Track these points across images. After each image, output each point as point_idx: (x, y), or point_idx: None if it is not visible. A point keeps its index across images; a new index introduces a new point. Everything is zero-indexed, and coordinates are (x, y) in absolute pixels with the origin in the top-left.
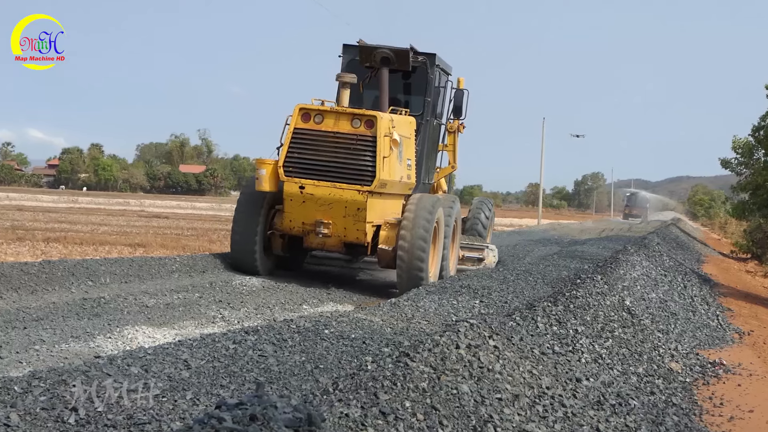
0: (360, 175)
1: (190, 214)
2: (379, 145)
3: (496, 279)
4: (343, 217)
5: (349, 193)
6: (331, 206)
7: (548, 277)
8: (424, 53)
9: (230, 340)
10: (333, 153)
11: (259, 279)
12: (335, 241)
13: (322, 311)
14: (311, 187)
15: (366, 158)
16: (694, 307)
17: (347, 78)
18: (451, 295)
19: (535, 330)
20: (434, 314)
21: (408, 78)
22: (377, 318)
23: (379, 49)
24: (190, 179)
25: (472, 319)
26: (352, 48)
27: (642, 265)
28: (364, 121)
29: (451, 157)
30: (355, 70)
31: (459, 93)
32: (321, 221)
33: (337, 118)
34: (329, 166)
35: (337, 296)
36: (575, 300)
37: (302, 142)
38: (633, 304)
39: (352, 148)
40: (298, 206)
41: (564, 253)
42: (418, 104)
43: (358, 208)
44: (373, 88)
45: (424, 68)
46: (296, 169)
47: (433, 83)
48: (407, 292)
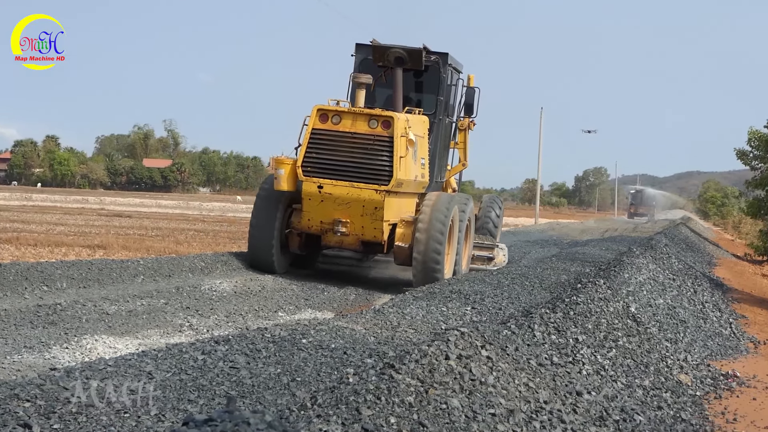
0: (377, 175)
1: (154, 213)
2: (396, 146)
3: (490, 284)
4: (361, 216)
5: (367, 193)
6: (349, 205)
7: (546, 281)
8: (437, 52)
9: (199, 351)
10: (351, 153)
11: (230, 283)
12: (353, 239)
13: (299, 319)
14: (329, 187)
15: (383, 158)
16: (705, 314)
17: (363, 79)
18: (440, 301)
19: (531, 339)
20: (422, 322)
21: (420, 76)
22: (359, 326)
23: (392, 49)
24: (155, 174)
25: (463, 328)
26: (364, 47)
27: (648, 269)
28: (381, 122)
29: (462, 155)
30: (367, 68)
31: (470, 91)
32: (339, 220)
33: (354, 119)
34: (347, 166)
35: (317, 302)
36: (575, 306)
37: (320, 142)
38: (639, 310)
39: (370, 149)
40: (317, 205)
41: (563, 255)
42: (429, 103)
43: (375, 207)
44: (385, 86)
45: (436, 67)
46: (315, 169)
47: (445, 82)
48: (393, 299)
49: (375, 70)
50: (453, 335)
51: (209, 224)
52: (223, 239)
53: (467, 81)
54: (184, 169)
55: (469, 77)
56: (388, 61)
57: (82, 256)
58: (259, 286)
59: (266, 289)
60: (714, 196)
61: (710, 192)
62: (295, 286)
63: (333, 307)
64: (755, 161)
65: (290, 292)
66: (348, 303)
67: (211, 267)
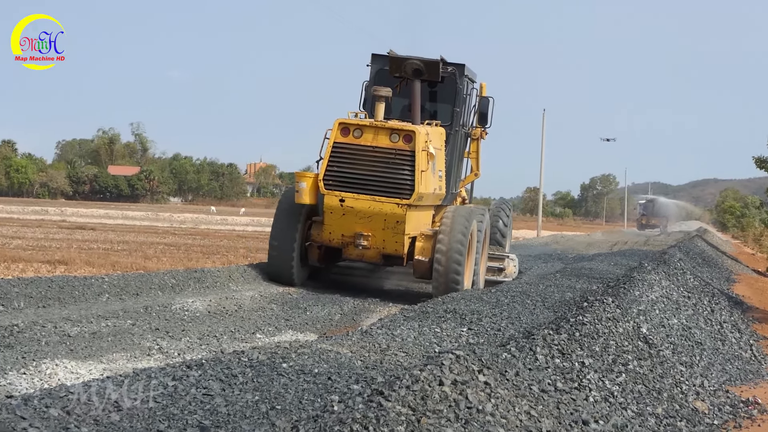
0: (399, 189)
1: (121, 225)
2: (417, 160)
3: (487, 302)
4: (383, 229)
5: (389, 206)
6: (370, 219)
7: (549, 299)
8: (453, 63)
9: (169, 376)
10: (372, 167)
11: (204, 302)
12: (374, 252)
13: (279, 341)
14: (351, 200)
15: (405, 172)
16: (723, 336)
17: (383, 92)
18: (434, 321)
19: (533, 363)
20: (413, 344)
21: (434, 86)
22: (345, 349)
23: (409, 60)
24: (121, 183)
25: (458, 350)
26: (380, 57)
27: (661, 286)
28: (402, 136)
29: (474, 165)
30: (383, 79)
31: (484, 101)
32: (360, 233)
33: (375, 133)
34: (369, 179)
35: (298, 322)
36: (581, 327)
37: (342, 156)
38: (650, 331)
39: (391, 162)
40: (338, 218)
41: (568, 270)
42: (444, 113)
43: (397, 221)
44: (400, 96)
45: (452, 78)
46: (336, 183)
47: (462, 93)
48: (382, 319)
49: (390, 80)
50: (447, 359)
51: (181, 237)
52: (195, 254)
53: (480, 90)
54: (153, 177)
55: (481, 86)
56: (405, 73)
57: (41, 272)
58: (235, 305)
59: (243, 309)
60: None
61: (728, 201)
62: (275, 305)
63: (316, 328)
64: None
65: (269, 311)
66: (333, 323)
67: (182, 284)
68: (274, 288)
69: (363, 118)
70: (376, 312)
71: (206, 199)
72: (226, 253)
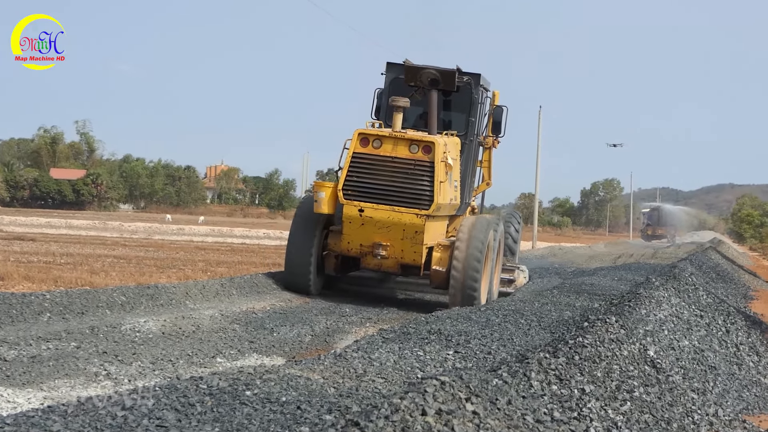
0: (418, 199)
1: (64, 235)
2: (436, 170)
3: (477, 321)
4: (401, 239)
5: (408, 217)
6: (389, 229)
7: (546, 318)
8: (469, 73)
9: (118, 406)
10: (392, 177)
11: (158, 322)
12: (392, 262)
13: (242, 366)
14: (370, 210)
15: (424, 183)
16: (739, 359)
17: (401, 102)
18: (416, 343)
19: (528, 390)
20: (393, 369)
21: (449, 95)
22: (316, 374)
23: (425, 70)
24: (65, 188)
25: (443, 376)
26: (396, 66)
27: (670, 303)
28: (422, 147)
29: (486, 174)
30: (398, 88)
31: (498, 110)
32: (379, 243)
33: (395, 143)
34: (388, 190)
35: (264, 344)
36: (581, 350)
37: (361, 166)
38: (659, 354)
39: (411, 173)
40: (357, 228)
41: (567, 286)
42: (459, 122)
43: (416, 231)
44: (415, 104)
45: (468, 88)
46: (355, 193)
47: (477, 103)
48: (358, 341)
49: (405, 89)
50: (431, 385)
51: (132, 249)
52: (149, 267)
53: (493, 98)
54: (101, 182)
55: (494, 94)
56: (420, 82)
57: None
58: (192, 325)
59: (201, 330)
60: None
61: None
62: (238, 325)
63: (284, 351)
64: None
65: (231, 333)
66: (302, 346)
67: (134, 302)
68: (236, 306)
69: (381, 128)
70: (352, 333)
71: (161, 206)
72: (182, 267)
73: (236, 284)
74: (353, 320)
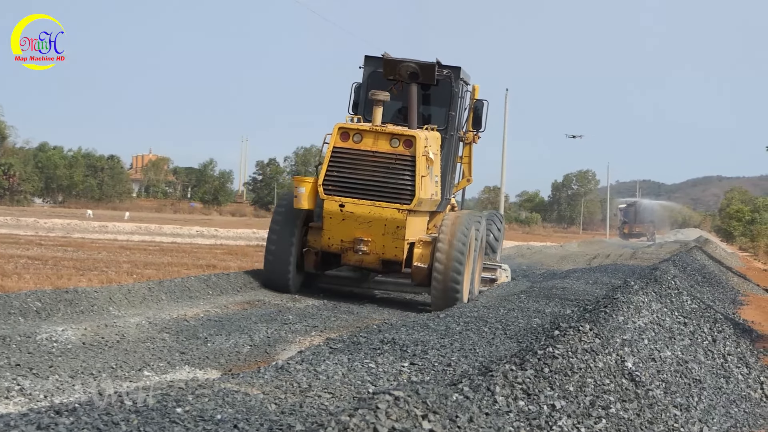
0: (400, 194)
1: None
2: (417, 165)
3: (435, 330)
4: (383, 234)
5: (389, 212)
6: (370, 224)
7: (512, 326)
8: (449, 66)
9: (33, 425)
10: (372, 172)
11: (77, 331)
12: (373, 258)
13: (172, 380)
14: (351, 206)
15: (405, 177)
16: (727, 371)
17: (381, 96)
18: (367, 354)
19: (491, 406)
20: (341, 383)
21: (428, 89)
22: (256, 389)
23: (404, 63)
24: None
25: (397, 391)
26: (374, 60)
27: (651, 309)
28: (402, 141)
29: (467, 170)
30: (376, 82)
31: (479, 104)
32: (360, 239)
33: (375, 138)
34: (369, 184)
35: (197, 356)
36: (552, 361)
37: (342, 161)
38: (637, 366)
39: (392, 168)
40: (338, 224)
41: (536, 290)
42: (438, 116)
43: (397, 226)
44: (394, 99)
45: (447, 81)
46: (336, 188)
47: (457, 97)
48: (302, 352)
49: (383, 83)
50: (384, 401)
51: (49, 249)
52: (67, 270)
53: (473, 92)
54: (13, 173)
55: (474, 88)
56: (399, 76)
57: None
58: (117, 334)
59: (127, 339)
60: (740, 209)
61: (735, 204)
62: (168, 334)
63: (219, 363)
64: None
65: (160, 342)
66: (240, 357)
67: (51, 309)
68: (165, 313)
69: (361, 123)
70: (296, 342)
71: (81, 201)
72: (105, 269)
73: (166, 288)
74: (297, 328)
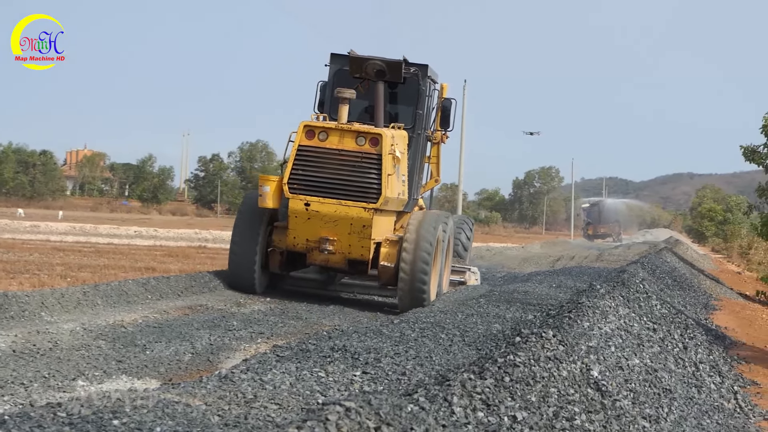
0: (366, 193)
1: None
2: (384, 163)
3: (389, 336)
4: (349, 234)
5: (355, 211)
6: (336, 223)
7: (470, 333)
8: (416, 64)
9: None
10: (338, 170)
11: (6, 338)
12: (339, 258)
13: (108, 390)
14: (317, 204)
15: (372, 176)
16: (699, 380)
17: (347, 93)
18: (317, 362)
19: (449, 418)
20: (289, 393)
21: (395, 87)
22: (198, 400)
23: (371, 61)
24: None
25: (348, 401)
26: (340, 57)
27: (618, 315)
28: (369, 139)
29: (434, 170)
30: (342, 79)
31: (447, 102)
32: (326, 238)
33: (341, 136)
34: (335, 183)
35: (135, 364)
36: (513, 370)
37: (307, 159)
38: (604, 375)
39: (358, 166)
40: (303, 223)
41: (496, 294)
42: (405, 115)
43: (363, 225)
44: (360, 97)
45: (415, 79)
46: (301, 186)
47: (424, 95)
48: (247, 360)
49: (350, 81)
50: (334, 412)
51: None
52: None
53: (441, 91)
54: None
55: (442, 86)
56: (366, 74)
57: None
58: (49, 342)
59: (60, 347)
60: (713, 209)
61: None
62: (104, 342)
63: (159, 372)
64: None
65: (96, 350)
66: (181, 366)
67: None
68: (101, 319)
69: (327, 121)
70: (240, 350)
71: (11, 199)
72: (37, 272)
73: (102, 292)
74: (242, 335)
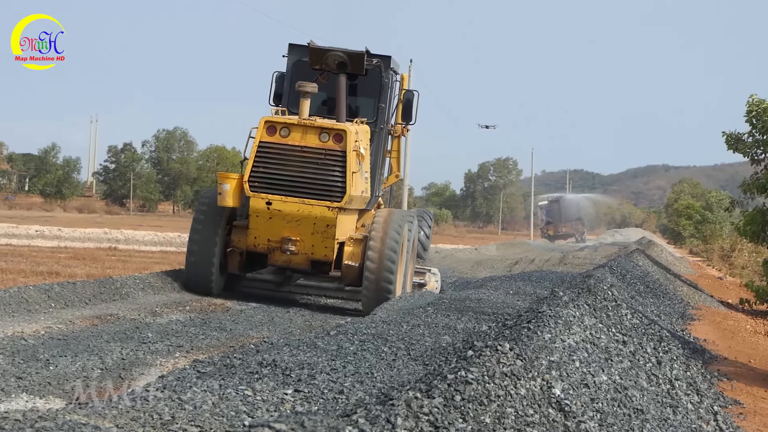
0: (330, 191)
1: None
2: (348, 160)
3: (325, 350)
4: (312, 233)
5: (319, 210)
6: (299, 223)
7: (417, 346)
8: (379, 55)
9: None
10: (301, 168)
11: None
12: (302, 258)
13: (7, 410)
14: (279, 203)
15: (336, 174)
16: (675, 399)
17: (309, 87)
18: (243, 378)
19: None
20: (211, 414)
21: (355, 80)
22: (108, 422)
23: (332, 52)
24: None
25: (278, 423)
26: (299, 48)
27: (583, 325)
28: (332, 135)
29: (395, 165)
30: (301, 71)
31: (409, 94)
32: (288, 238)
33: (304, 132)
34: (297, 181)
35: (36, 381)
36: (465, 387)
37: (268, 156)
38: (567, 393)
39: (321, 163)
40: (264, 222)
41: (446, 302)
42: (367, 108)
43: (327, 225)
44: (319, 89)
45: (377, 71)
46: (263, 184)
47: (387, 87)
48: (164, 377)
49: (309, 73)
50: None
51: None
52: None
53: (402, 82)
54: None
55: (403, 77)
56: (326, 65)
57: None
58: None
59: None
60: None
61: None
62: (2, 356)
63: (63, 391)
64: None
65: None
66: (89, 383)
67: None
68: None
69: (288, 116)
70: (156, 365)
71: None
72: None
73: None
74: (158, 348)
